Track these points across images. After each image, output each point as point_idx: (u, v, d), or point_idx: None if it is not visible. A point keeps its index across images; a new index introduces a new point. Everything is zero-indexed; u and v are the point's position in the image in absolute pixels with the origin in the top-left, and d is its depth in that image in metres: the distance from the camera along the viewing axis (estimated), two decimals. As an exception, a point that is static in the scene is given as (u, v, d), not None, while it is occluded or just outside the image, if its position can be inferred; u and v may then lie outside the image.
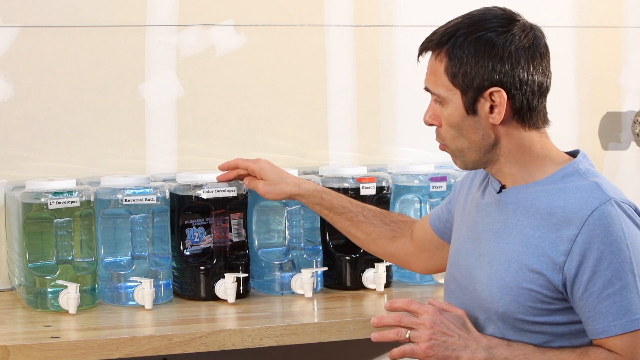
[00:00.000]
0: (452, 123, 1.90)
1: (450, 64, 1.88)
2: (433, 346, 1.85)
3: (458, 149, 1.93)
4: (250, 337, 2.10)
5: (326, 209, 2.29)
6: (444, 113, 1.91)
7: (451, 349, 1.86)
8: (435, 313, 1.88)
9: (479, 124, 1.89)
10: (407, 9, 2.81)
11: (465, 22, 1.90)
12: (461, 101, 1.88)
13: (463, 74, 1.87)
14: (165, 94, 2.64)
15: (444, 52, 1.89)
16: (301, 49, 2.74)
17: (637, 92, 3.04)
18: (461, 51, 1.87)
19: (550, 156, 1.93)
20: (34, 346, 1.98)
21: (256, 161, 2.34)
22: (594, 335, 1.83)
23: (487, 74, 1.87)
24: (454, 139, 1.92)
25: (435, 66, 1.90)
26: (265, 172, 2.32)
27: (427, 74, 1.93)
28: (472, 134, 1.90)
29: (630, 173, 3.05)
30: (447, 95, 1.89)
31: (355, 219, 2.28)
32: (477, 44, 1.87)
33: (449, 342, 1.86)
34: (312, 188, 2.31)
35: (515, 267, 1.87)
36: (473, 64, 1.87)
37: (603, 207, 1.82)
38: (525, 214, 1.89)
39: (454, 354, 1.85)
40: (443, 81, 1.89)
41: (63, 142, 2.56)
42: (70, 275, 2.26)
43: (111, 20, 2.58)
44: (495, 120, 1.88)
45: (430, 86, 1.92)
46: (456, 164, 1.96)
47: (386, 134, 2.82)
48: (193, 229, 2.38)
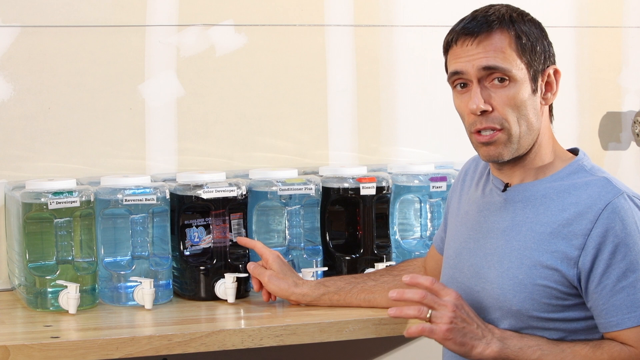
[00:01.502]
0: (517, 102, 1.88)
1: (519, 40, 1.88)
2: (452, 329, 1.85)
3: (516, 134, 1.89)
4: (250, 337, 2.10)
5: (335, 294, 2.24)
6: (509, 93, 1.88)
7: (469, 337, 1.86)
8: (458, 297, 1.88)
9: (537, 104, 1.91)
10: (407, 9, 2.81)
11: (509, 8, 1.92)
12: (528, 77, 1.88)
13: (532, 49, 1.88)
14: (165, 94, 2.64)
15: (512, 29, 1.88)
16: (301, 49, 2.74)
17: (637, 92, 3.04)
18: (527, 28, 1.89)
19: (557, 153, 1.96)
20: (34, 346, 1.97)
21: (272, 252, 2.30)
22: (607, 329, 1.84)
23: (547, 53, 1.91)
24: (515, 122, 1.89)
25: (501, 43, 1.88)
26: (274, 265, 2.27)
27: (489, 52, 1.88)
28: (532, 115, 1.89)
29: (630, 173, 3.05)
30: (516, 72, 1.88)
31: (366, 285, 2.25)
32: (536, 23, 1.92)
33: (467, 329, 1.86)
34: (313, 282, 2.28)
35: (528, 264, 1.88)
36: (540, 40, 1.90)
37: (616, 201, 1.84)
38: (534, 211, 1.90)
39: (470, 342, 1.86)
40: (512, 58, 1.88)
41: (63, 142, 2.56)
42: (70, 275, 2.26)
43: (111, 20, 2.58)
44: (549, 101, 1.91)
45: (499, 62, 1.88)
46: (499, 155, 1.90)
47: (386, 134, 2.82)
48: (193, 229, 2.38)
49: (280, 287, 2.26)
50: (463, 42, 1.90)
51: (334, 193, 2.51)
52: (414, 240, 2.64)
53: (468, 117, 1.92)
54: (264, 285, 2.28)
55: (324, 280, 2.30)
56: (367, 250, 2.50)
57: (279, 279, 2.26)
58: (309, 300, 2.26)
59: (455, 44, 1.92)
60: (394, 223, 2.60)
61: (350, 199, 2.51)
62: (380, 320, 2.16)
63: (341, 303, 2.25)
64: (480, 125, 1.90)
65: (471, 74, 1.90)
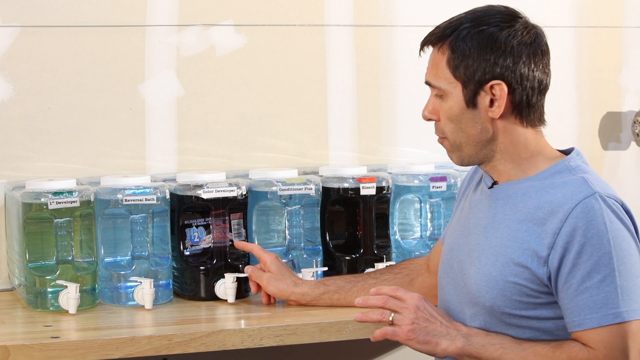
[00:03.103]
0: (451, 116, 1.92)
1: (452, 57, 1.90)
2: (414, 330, 1.89)
3: (456, 143, 1.94)
4: (250, 337, 2.10)
5: (335, 293, 2.25)
6: (444, 106, 1.93)
7: (432, 335, 1.90)
8: (420, 299, 1.93)
9: (478, 117, 1.92)
10: (407, 9, 2.81)
11: (468, 17, 1.92)
12: (462, 94, 1.91)
13: (465, 66, 1.89)
14: (165, 94, 2.64)
15: (446, 45, 1.91)
16: (301, 49, 2.74)
17: (637, 92, 3.04)
18: (464, 44, 1.89)
19: (543, 153, 1.96)
20: (34, 346, 1.97)
21: (270, 254, 2.31)
22: (571, 328, 1.85)
23: (489, 67, 1.89)
24: (453, 133, 1.94)
25: (437, 59, 1.92)
26: (272, 267, 2.28)
27: (429, 68, 1.95)
28: (471, 128, 1.92)
29: (630, 173, 3.05)
30: (448, 88, 1.91)
31: (367, 284, 2.25)
32: (480, 38, 1.89)
33: (430, 328, 1.90)
34: (313, 281, 2.29)
35: (502, 261, 1.89)
36: (475, 56, 1.89)
37: (587, 201, 1.84)
38: (513, 209, 1.91)
39: (434, 340, 1.89)
40: (445, 74, 1.91)
41: (63, 142, 2.56)
42: (70, 275, 2.26)
43: (111, 20, 2.58)
44: (494, 114, 1.91)
45: (432, 79, 1.94)
46: (452, 159, 1.98)
47: (386, 134, 2.82)
48: (193, 229, 2.38)
49: (280, 288, 2.26)
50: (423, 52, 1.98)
51: (334, 193, 2.51)
52: (414, 240, 2.64)
53: None
54: (264, 288, 2.28)
55: (324, 280, 2.30)
56: (367, 250, 2.50)
57: (278, 280, 2.26)
58: (309, 299, 2.26)
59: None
60: (394, 223, 2.60)
61: (350, 199, 2.51)
62: (380, 320, 2.16)
63: (341, 302, 2.25)
64: (435, 131, 1.98)
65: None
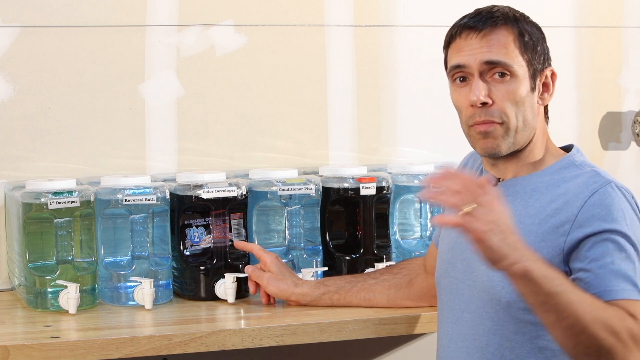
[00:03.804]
0: (516, 98, 1.91)
1: (521, 37, 1.92)
2: (489, 231, 1.68)
3: (514, 127, 1.91)
4: (250, 337, 2.10)
5: (335, 293, 2.25)
6: (510, 87, 1.90)
7: (501, 244, 1.69)
8: (502, 202, 1.72)
9: (534, 103, 1.94)
10: (407, 9, 2.81)
11: (509, 9, 1.96)
12: (528, 75, 1.92)
13: (533, 47, 1.92)
14: (165, 94, 2.64)
15: (515, 26, 1.92)
16: (301, 49, 2.74)
17: (637, 92, 3.04)
18: (530, 27, 1.94)
19: (550, 149, 1.98)
20: (34, 346, 1.97)
21: (270, 254, 2.30)
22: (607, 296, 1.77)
23: (546, 54, 1.95)
24: (514, 116, 1.91)
25: (505, 39, 1.91)
26: (272, 267, 2.28)
27: (493, 47, 1.91)
28: (528, 112, 1.92)
29: (630, 173, 3.05)
30: (517, 69, 1.91)
31: (367, 284, 2.25)
32: (537, 25, 1.96)
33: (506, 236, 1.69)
34: (313, 282, 2.29)
35: None
36: (541, 41, 1.94)
37: (603, 190, 1.85)
38: (523, 204, 1.91)
39: (502, 251, 1.69)
40: (514, 54, 1.91)
41: (63, 142, 2.56)
42: (70, 275, 2.26)
43: (111, 20, 2.58)
44: (546, 101, 1.95)
45: (502, 57, 1.90)
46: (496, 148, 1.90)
47: (386, 134, 2.82)
48: (193, 229, 2.38)
49: (280, 288, 2.26)
50: (467, 35, 1.93)
51: (334, 193, 2.51)
52: (414, 240, 2.64)
53: (466, 110, 1.94)
54: (264, 288, 2.28)
55: (324, 280, 2.30)
56: (367, 250, 2.50)
57: (278, 280, 2.26)
58: (309, 300, 2.26)
59: (460, 36, 1.94)
60: (394, 223, 2.60)
61: (350, 199, 2.51)
62: (380, 320, 2.16)
63: (341, 302, 2.25)
64: (479, 118, 1.92)
65: (473, 67, 1.92)
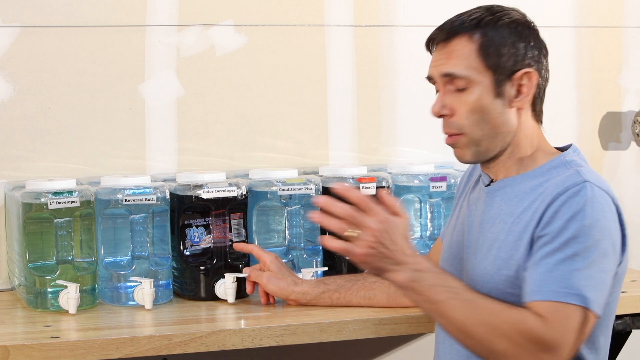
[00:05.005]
0: (477, 107, 1.89)
1: (485, 45, 1.89)
2: (370, 254, 1.78)
3: (475, 137, 1.91)
4: (250, 337, 2.10)
5: (335, 292, 2.25)
6: (469, 98, 1.90)
7: (385, 262, 1.78)
8: (385, 221, 1.78)
9: (503, 108, 1.91)
10: (407, 9, 2.81)
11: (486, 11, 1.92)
12: (491, 83, 1.89)
13: (498, 54, 1.89)
14: (165, 94, 2.64)
15: (478, 34, 1.89)
16: (301, 49, 2.74)
17: (637, 92, 3.04)
18: (496, 32, 1.89)
19: (542, 149, 1.96)
20: (34, 346, 1.97)
21: (269, 253, 2.30)
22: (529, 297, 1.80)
23: (521, 56, 1.90)
24: (474, 126, 1.91)
25: (465, 49, 1.90)
26: (272, 266, 2.28)
27: (450, 59, 1.91)
28: (496, 119, 1.90)
29: (630, 173, 3.05)
30: (476, 78, 1.89)
31: (366, 282, 2.25)
32: (510, 27, 1.90)
33: (386, 255, 1.78)
34: (313, 281, 2.29)
35: (495, 255, 1.89)
36: (510, 44, 1.90)
37: (576, 188, 1.84)
38: (508, 204, 1.92)
39: (385, 267, 1.79)
40: (474, 63, 1.89)
41: (63, 142, 2.56)
42: (70, 275, 2.26)
43: (111, 20, 2.58)
44: (521, 104, 1.91)
45: (457, 70, 1.90)
46: (464, 157, 1.94)
47: (386, 134, 2.82)
48: (193, 229, 2.38)
49: (280, 286, 2.26)
50: (433, 47, 1.95)
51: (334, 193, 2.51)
52: (414, 240, 2.64)
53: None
54: (263, 286, 2.28)
55: (324, 279, 2.30)
56: (367, 250, 2.49)
57: (277, 279, 2.26)
58: (309, 298, 2.26)
59: (430, 48, 1.96)
60: (394, 223, 2.60)
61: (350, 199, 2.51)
62: (381, 320, 2.16)
63: (341, 301, 2.25)
64: (444, 129, 1.95)
65: (437, 79, 1.93)
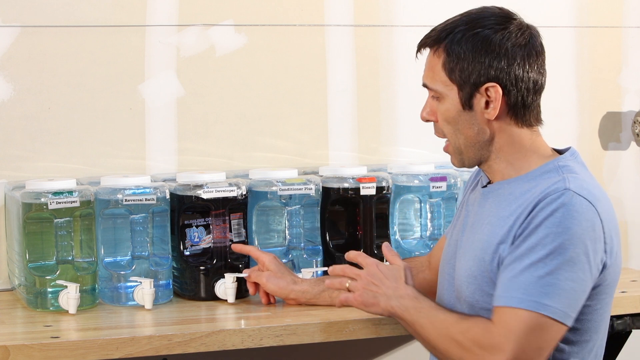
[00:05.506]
0: (448, 118, 1.95)
1: (448, 60, 1.93)
2: (363, 294, 2.01)
3: (456, 146, 1.97)
4: (250, 337, 2.10)
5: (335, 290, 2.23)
6: (441, 108, 1.96)
7: (376, 297, 2.00)
8: (373, 265, 2.02)
9: (475, 119, 1.94)
10: (407, 9, 2.81)
11: (463, 20, 1.95)
12: (458, 96, 1.93)
13: (460, 69, 1.92)
14: (165, 94, 2.64)
15: (442, 48, 1.94)
16: (301, 49, 2.74)
17: (637, 92, 3.04)
18: (459, 47, 1.92)
19: (538, 152, 1.97)
20: (34, 346, 1.97)
21: (268, 254, 2.31)
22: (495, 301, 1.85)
23: (484, 70, 1.92)
24: (452, 135, 1.97)
25: (433, 62, 1.96)
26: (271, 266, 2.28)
27: (425, 70, 1.98)
28: (468, 130, 1.95)
29: (630, 173, 3.05)
30: (444, 91, 1.94)
31: None
32: (475, 40, 1.92)
33: (376, 291, 2.00)
34: (313, 279, 2.29)
35: (479, 257, 1.92)
36: (470, 59, 1.92)
37: (554, 195, 1.85)
38: (497, 207, 1.94)
39: (375, 301, 1.99)
40: (441, 77, 1.94)
41: (63, 142, 2.56)
42: (70, 275, 2.26)
43: (111, 20, 2.58)
44: (490, 116, 1.93)
45: (428, 82, 1.97)
46: (454, 163, 2.01)
47: (386, 134, 2.82)
48: (193, 229, 2.38)
49: (280, 285, 2.26)
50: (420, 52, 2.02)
51: (334, 193, 2.51)
52: (414, 240, 2.64)
53: None
54: (263, 286, 2.28)
55: (324, 278, 2.30)
56: (367, 250, 2.50)
57: (277, 278, 2.26)
58: (309, 297, 2.26)
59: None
60: (394, 223, 2.60)
61: (350, 199, 2.51)
62: (380, 320, 2.16)
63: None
64: (434, 133, 2.02)
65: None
